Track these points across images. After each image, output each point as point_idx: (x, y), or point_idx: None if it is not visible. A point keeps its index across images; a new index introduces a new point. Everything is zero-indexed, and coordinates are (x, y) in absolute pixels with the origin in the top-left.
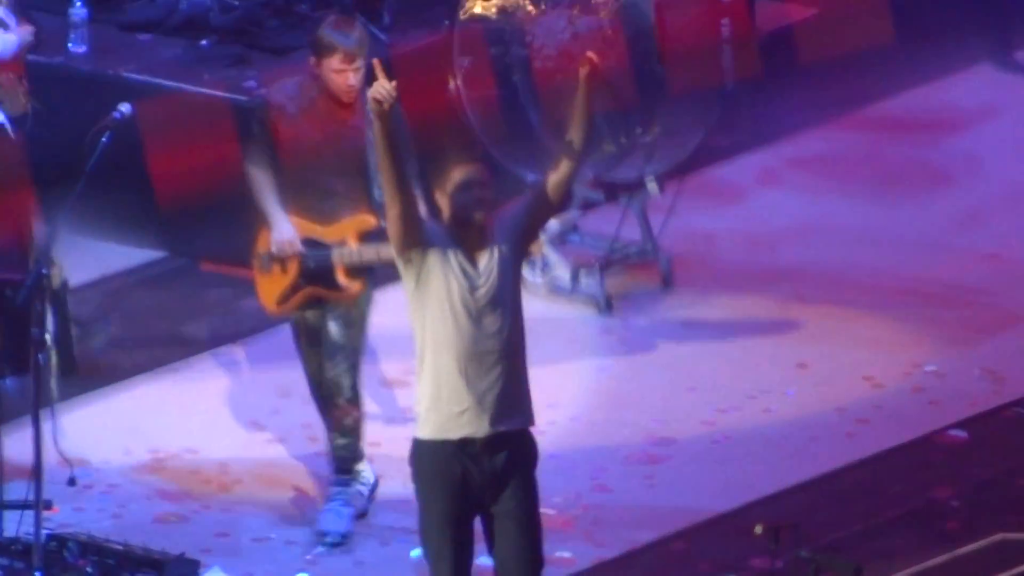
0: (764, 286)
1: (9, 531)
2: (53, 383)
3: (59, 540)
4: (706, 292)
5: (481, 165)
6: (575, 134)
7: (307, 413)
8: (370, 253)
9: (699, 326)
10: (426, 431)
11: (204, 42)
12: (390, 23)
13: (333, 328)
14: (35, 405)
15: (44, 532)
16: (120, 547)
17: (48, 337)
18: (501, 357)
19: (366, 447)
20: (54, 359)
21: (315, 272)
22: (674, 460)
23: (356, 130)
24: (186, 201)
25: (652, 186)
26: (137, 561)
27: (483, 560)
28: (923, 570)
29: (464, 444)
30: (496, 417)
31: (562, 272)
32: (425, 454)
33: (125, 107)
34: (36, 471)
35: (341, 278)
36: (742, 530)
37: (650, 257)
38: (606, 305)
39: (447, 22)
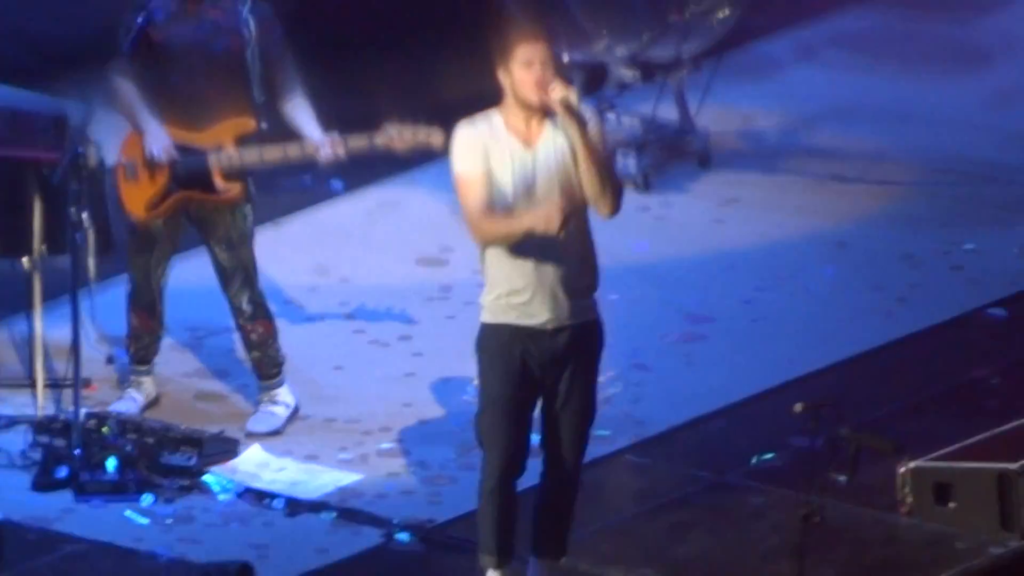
0: (802, 165)
1: (48, 410)
2: (91, 262)
3: (98, 418)
4: (743, 171)
5: (545, 43)
6: (586, 179)
7: (345, 291)
8: (252, 155)
9: (737, 205)
10: (489, 317)
11: None
12: None
13: (220, 254)
14: (73, 284)
15: (83, 410)
16: (159, 425)
17: (85, 216)
18: (564, 245)
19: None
20: (91, 238)
21: (188, 177)
22: (713, 339)
23: (228, 31)
24: None
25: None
26: (176, 440)
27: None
28: (962, 448)
29: (528, 328)
30: (560, 308)
31: None
32: (488, 336)
33: None
34: (74, 350)
35: (219, 181)
36: (781, 409)
37: (687, 136)
38: (644, 184)
39: None
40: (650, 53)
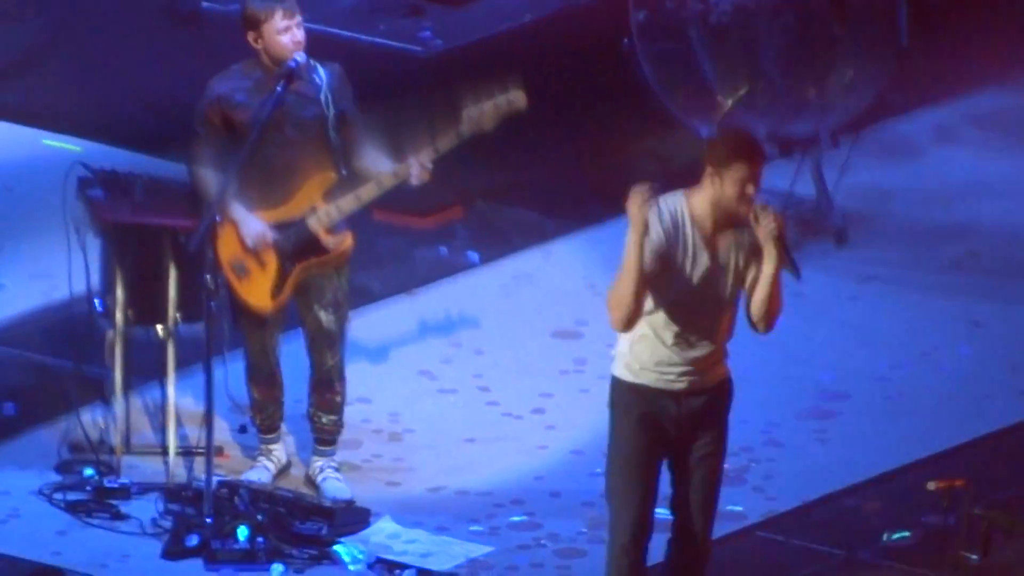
0: (938, 243)
1: (180, 478)
2: (225, 330)
3: (229, 487)
4: (880, 249)
5: (762, 160)
6: (759, 302)
7: (478, 363)
8: (348, 202)
9: (873, 282)
10: (626, 375)
11: None
12: None
13: (325, 318)
14: (207, 352)
15: (215, 479)
16: (291, 495)
17: (220, 284)
18: (712, 337)
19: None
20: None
21: (297, 249)
22: (846, 415)
23: (311, 100)
24: None
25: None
26: (308, 509)
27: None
28: None
29: (667, 391)
30: (698, 377)
31: None
32: (623, 392)
33: (300, 56)
34: (208, 418)
35: (327, 240)
36: (915, 487)
37: (824, 213)
38: None
39: None
40: (788, 128)
